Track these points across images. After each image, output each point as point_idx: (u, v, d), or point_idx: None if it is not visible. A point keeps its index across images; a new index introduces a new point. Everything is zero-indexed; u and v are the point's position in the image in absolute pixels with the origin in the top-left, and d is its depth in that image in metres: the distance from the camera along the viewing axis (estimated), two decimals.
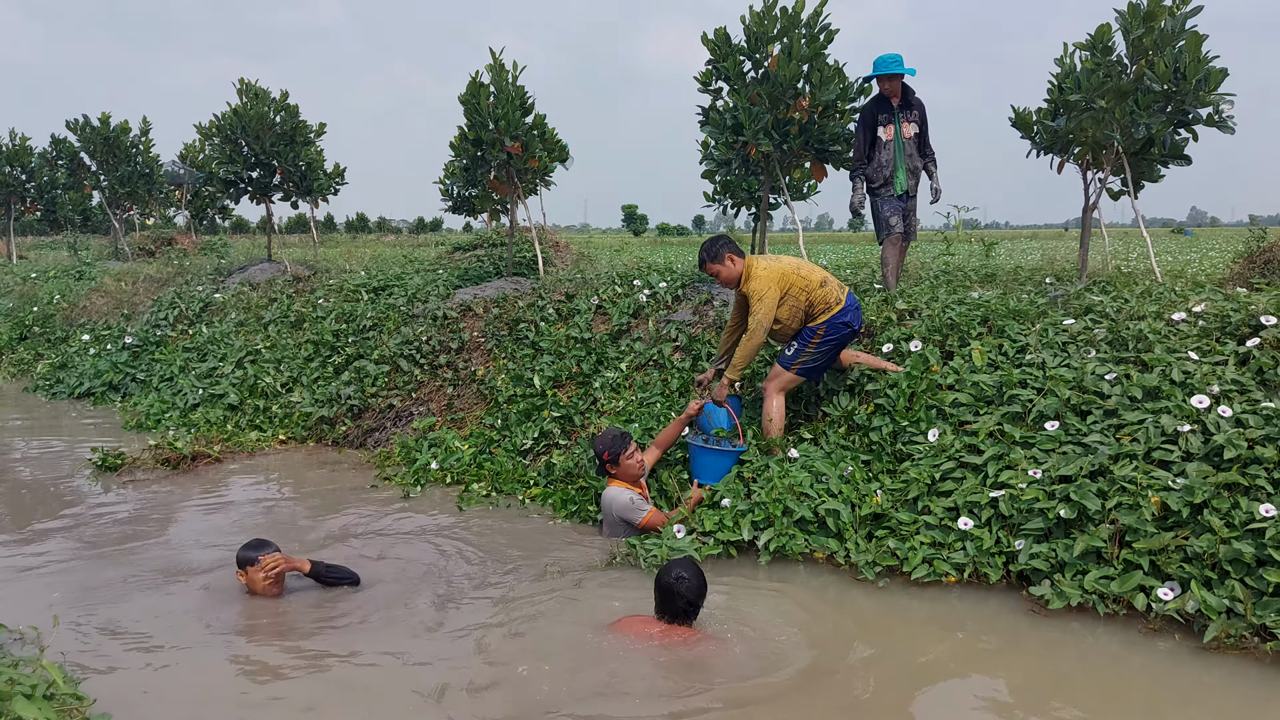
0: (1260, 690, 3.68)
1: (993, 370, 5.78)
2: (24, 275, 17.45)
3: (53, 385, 11.73)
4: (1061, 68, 7.16)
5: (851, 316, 5.88)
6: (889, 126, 7.64)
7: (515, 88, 9.64)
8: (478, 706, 3.60)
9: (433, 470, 7.15)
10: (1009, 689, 3.79)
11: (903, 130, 7.64)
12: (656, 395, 7.09)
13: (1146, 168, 7.10)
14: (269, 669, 3.95)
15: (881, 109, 7.67)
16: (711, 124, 8.59)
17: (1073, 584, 4.37)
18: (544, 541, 5.72)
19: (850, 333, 5.91)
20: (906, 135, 7.65)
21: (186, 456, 7.59)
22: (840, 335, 5.87)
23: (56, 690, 2.94)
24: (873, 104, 7.73)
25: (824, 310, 5.85)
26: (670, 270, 9.60)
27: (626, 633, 4.14)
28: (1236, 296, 5.77)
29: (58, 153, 19.79)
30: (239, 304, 12.11)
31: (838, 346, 5.92)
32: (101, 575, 5.11)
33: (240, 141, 12.80)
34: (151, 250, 19.77)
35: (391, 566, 5.25)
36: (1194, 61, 6.28)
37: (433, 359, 8.80)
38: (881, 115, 7.66)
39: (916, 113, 7.75)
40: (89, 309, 14.01)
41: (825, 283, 5.89)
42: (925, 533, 4.96)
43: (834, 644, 4.18)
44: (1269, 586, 3.92)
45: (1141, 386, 5.03)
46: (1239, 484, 4.30)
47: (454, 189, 16.88)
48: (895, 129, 7.64)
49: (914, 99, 7.75)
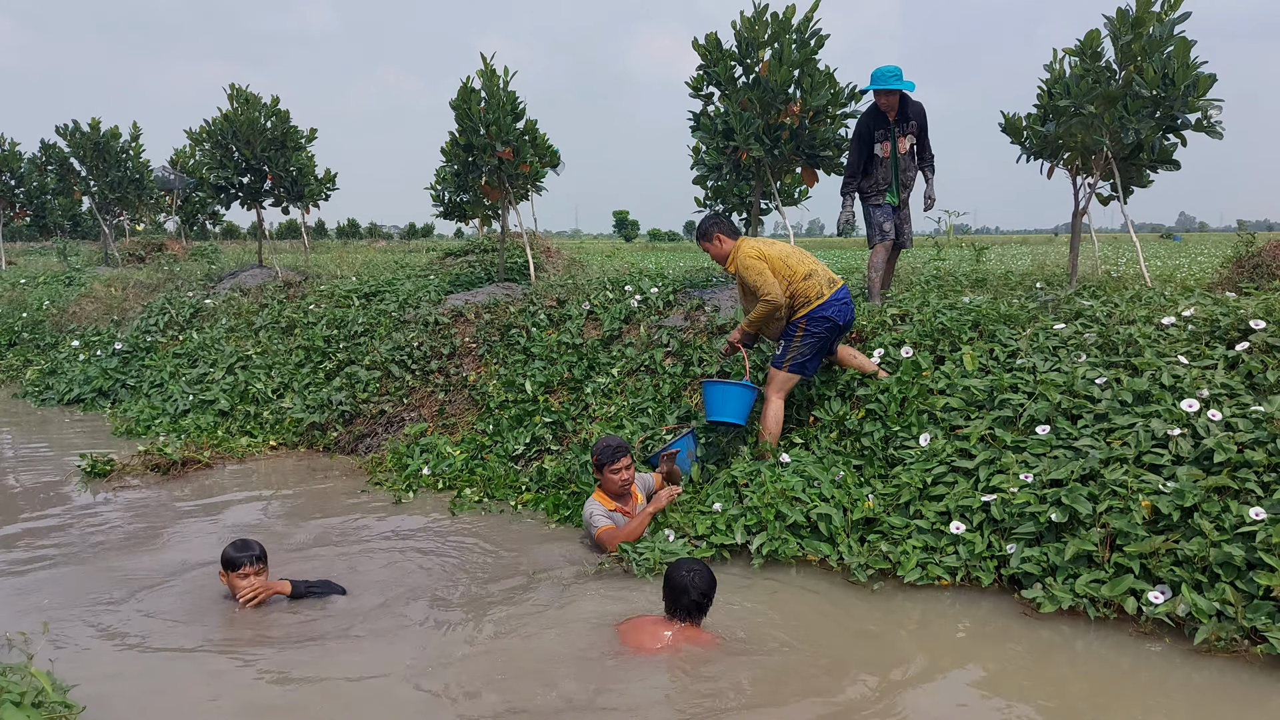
0: (1251, 693, 3.69)
1: (984, 375, 5.80)
2: (13, 281, 17.38)
3: (42, 392, 11.67)
4: (1051, 73, 7.19)
5: (835, 310, 5.85)
6: (885, 143, 7.48)
7: (506, 93, 9.64)
8: (473, 711, 3.58)
9: (425, 476, 7.13)
10: (999, 691, 3.79)
11: (899, 145, 7.50)
12: (648, 400, 7.09)
13: (1136, 173, 7.13)
14: (257, 677, 3.93)
15: (878, 124, 7.47)
16: (702, 129, 8.60)
17: (1064, 587, 4.38)
18: (538, 547, 5.71)
19: (833, 326, 5.89)
20: (902, 150, 7.51)
21: (176, 462, 7.57)
22: (822, 329, 5.86)
23: (45, 697, 2.93)
24: (868, 118, 7.50)
25: (804, 304, 5.85)
26: (662, 276, 9.61)
27: (639, 633, 4.16)
28: (1225, 301, 5.80)
29: (47, 158, 19.71)
30: (230, 310, 12.07)
31: (823, 340, 5.91)
32: (90, 581, 5.08)
33: (231, 147, 12.77)
34: (142, 256, 19.71)
35: (383, 573, 5.23)
36: (1182, 67, 6.31)
37: (424, 365, 8.79)
38: (878, 131, 7.47)
39: (914, 123, 7.56)
40: (79, 315, 13.96)
41: (811, 275, 5.88)
42: (917, 537, 4.96)
43: (826, 646, 4.18)
44: (1259, 589, 3.94)
45: (1132, 391, 5.05)
46: (1229, 487, 4.31)
47: (445, 194, 16.85)
48: (891, 145, 7.49)
49: (912, 109, 7.54)
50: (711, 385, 6.08)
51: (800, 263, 5.92)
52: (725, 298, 8.08)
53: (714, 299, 8.09)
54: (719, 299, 8.07)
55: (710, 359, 7.17)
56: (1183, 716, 3.61)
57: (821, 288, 5.87)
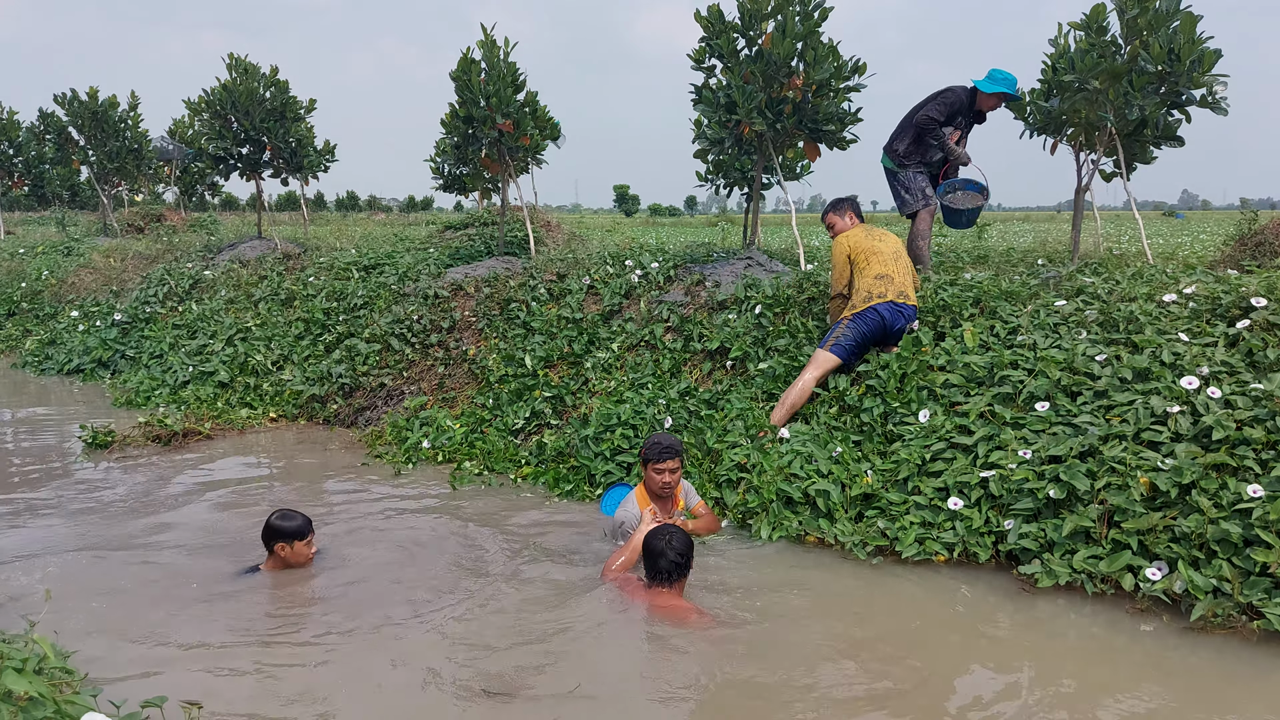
0: (1248, 668, 3.72)
1: (984, 351, 5.80)
2: (11, 251, 17.32)
3: (41, 362, 11.68)
4: (1056, 48, 7.14)
5: (889, 311, 5.97)
6: (956, 133, 7.64)
7: (507, 64, 9.57)
8: (479, 681, 3.61)
9: (424, 449, 7.15)
10: (997, 665, 3.82)
11: (962, 140, 7.76)
12: (648, 376, 7.09)
13: (1139, 149, 7.10)
14: (261, 648, 3.95)
15: (965, 113, 7.62)
16: (704, 102, 8.54)
17: (1061, 562, 4.40)
18: (539, 518, 5.72)
19: (879, 323, 5.98)
20: (956, 143, 7.70)
21: (178, 433, 7.58)
22: (869, 323, 5.99)
23: (47, 664, 2.94)
24: (964, 102, 7.58)
25: (865, 300, 6.00)
26: (662, 251, 9.58)
27: (626, 585, 4.32)
28: (1227, 278, 5.78)
29: (45, 127, 19.60)
30: (229, 281, 12.04)
31: (865, 334, 6.01)
32: (93, 551, 5.10)
33: (230, 117, 12.69)
34: (140, 226, 19.65)
35: (383, 541, 5.25)
36: (1188, 43, 6.27)
37: (424, 338, 8.78)
38: (959, 119, 7.62)
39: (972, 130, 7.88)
40: (77, 285, 13.93)
41: (884, 279, 6.02)
42: (915, 513, 4.98)
43: (825, 619, 4.21)
44: (1256, 566, 3.96)
45: (1132, 368, 5.05)
46: (1227, 465, 4.32)
47: (445, 167, 16.77)
48: (960, 137, 7.68)
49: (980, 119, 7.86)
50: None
51: (883, 265, 6.06)
52: (726, 273, 8.06)
53: (714, 274, 8.07)
54: (719, 274, 8.05)
55: (710, 335, 7.16)
56: (1180, 691, 3.64)
57: (889, 295, 5.98)
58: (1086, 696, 3.53)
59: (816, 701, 3.49)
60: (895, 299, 5.98)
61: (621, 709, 3.47)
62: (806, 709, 3.43)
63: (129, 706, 3.01)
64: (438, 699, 3.51)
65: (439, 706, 3.47)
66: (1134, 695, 3.56)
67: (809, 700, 3.50)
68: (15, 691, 2.44)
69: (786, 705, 3.45)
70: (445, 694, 3.53)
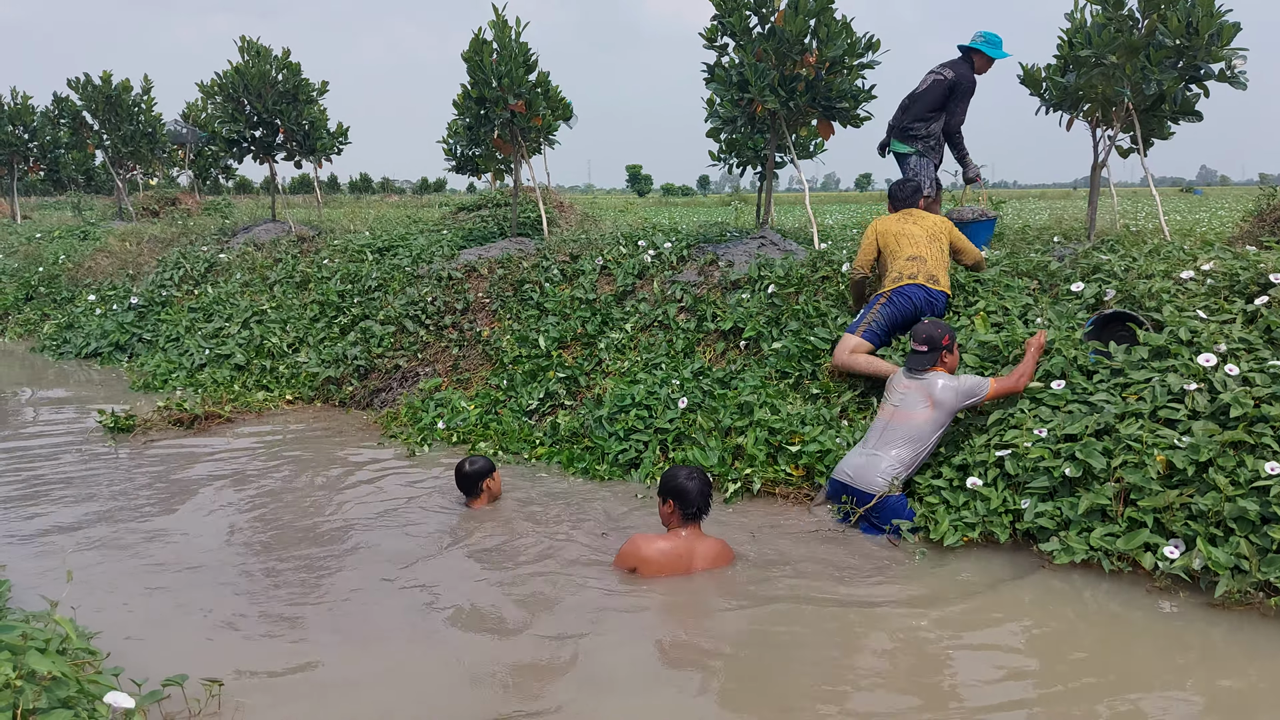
0: (1270, 645, 3.72)
1: (998, 330, 5.78)
2: (28, 235, 17.43)
3: (59, 345, 11.77)
4: (1072, 22, 7.06)
5: (920, 294, 5.92)
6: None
7: (519, 44, 9.54)
8: (509, 656, 3.65)
9: (439, 430, 7.18)
10: (1014, 642, 3.83)
11: None
12: (661, 356, 7.09)
13: (1157, 124, 7.03)
14: (285, 629, 3.99)
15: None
16: (717, 81, 8.49)
17: (1079, 539, 4.40)
18: (560, 494, 5.74)
19: (911, 307, 5.94)
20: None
21: (199, 416, 7.65)
22: (901, 306, 5.94)
23: (69, 645, 2.98)
24: (972, 81, 7.62)
25: (894, 281, 5.98)
26: (675, 230, 9.56)
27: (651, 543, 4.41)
28: (1245, 255, 5.73)
29: (60, 111, 19.67)
30: (244, 264, 12.09)
31: (896, 317, 5.95)
32: (117, 533, 5.15)
33: (242, 100, 12.70)
34: (155, 210, 19.72)
35: (400, 520, 5.29)
36: (1206, 16, 6.19)
37: (438, 320, 8.81)
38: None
39: None
40: (94, 269, 14.01)
41: (916, 260, 5.98)
42: (935, 495, 4.99)
43: (847, 594, 4.23)
44: (1273, 543, 3.94)
45: (1148, 345, 5.02)
46: (1245, 442, 4.30)
47: (457, 148, 16.76)
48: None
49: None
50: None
51: (914, 248, 6.02)
52: (739, 252, 8.04)
53: (728, 254, 8.05)
54: (733, 254, 8.03)
55: (724, 315, 7.15)
56: (1201, 666, 3.65)
57: (920, 277, 5.94)
58: (1111, 671, 3.54)
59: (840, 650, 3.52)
60: (925, 282, 5.94)
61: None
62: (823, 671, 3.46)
63: (150, 685, 3.05)
64: (464, 682, 3.55)
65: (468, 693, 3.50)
66: (1157, 671, 3.58)
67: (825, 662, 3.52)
68: (39, 671, 2.48)
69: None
70: (475, 679, 3.58)
